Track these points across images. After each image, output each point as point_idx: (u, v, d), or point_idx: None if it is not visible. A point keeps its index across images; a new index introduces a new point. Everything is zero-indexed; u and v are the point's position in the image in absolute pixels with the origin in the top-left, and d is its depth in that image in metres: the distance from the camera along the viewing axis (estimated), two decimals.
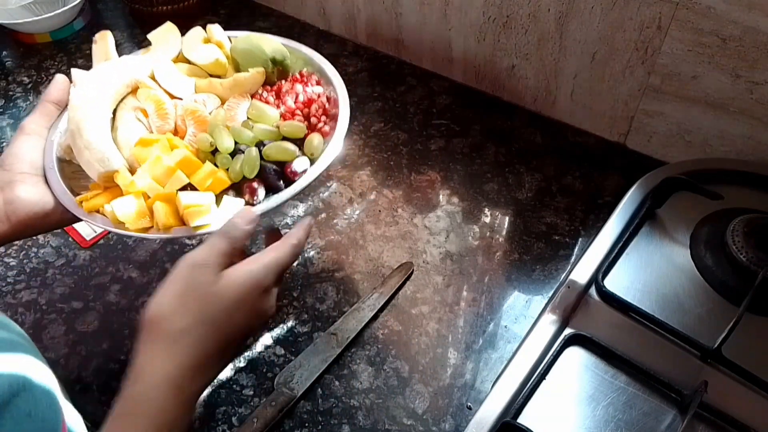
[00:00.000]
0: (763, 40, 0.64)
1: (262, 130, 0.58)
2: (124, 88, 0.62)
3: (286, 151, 0.56)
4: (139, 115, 0.61)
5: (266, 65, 0.64)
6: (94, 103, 0.59)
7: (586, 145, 0.83)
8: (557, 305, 0.56)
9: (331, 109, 0.62)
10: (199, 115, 0.59)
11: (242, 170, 0.55)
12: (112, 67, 0.64)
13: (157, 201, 0.53)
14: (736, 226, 0.58)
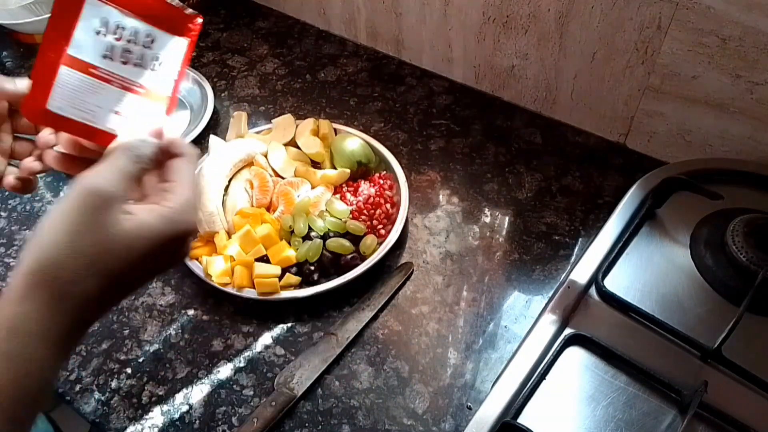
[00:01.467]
0: (763, 40, 0.64)
1: (332, 222, 0.70)
2: (241, 162, 0.76)
3: (343, 247, 0.68)
4: (246, 186, 0.75)
5: (353, 166, 0.76)
6: (216, 172, 0.73)
7: (586, 145, 0.83)
8: (557, 305, 0.56)
9: (394, 214, 0.72)
10: (290, 197, 0.72)
11: (307, 254, 0.67)
12: (240, 143, 0.78)
13: (238, 265, 0.66)
14: (736, 226, 0.58)
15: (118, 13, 0.36)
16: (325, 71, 0.97)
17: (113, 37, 0.36)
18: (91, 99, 0.37)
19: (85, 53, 0.36)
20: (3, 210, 0.79)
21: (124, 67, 0.37)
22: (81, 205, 0.35)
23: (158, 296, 0.69)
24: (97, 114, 0.37)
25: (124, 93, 0.37)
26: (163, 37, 0.38)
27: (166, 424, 0.58)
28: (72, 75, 0.36)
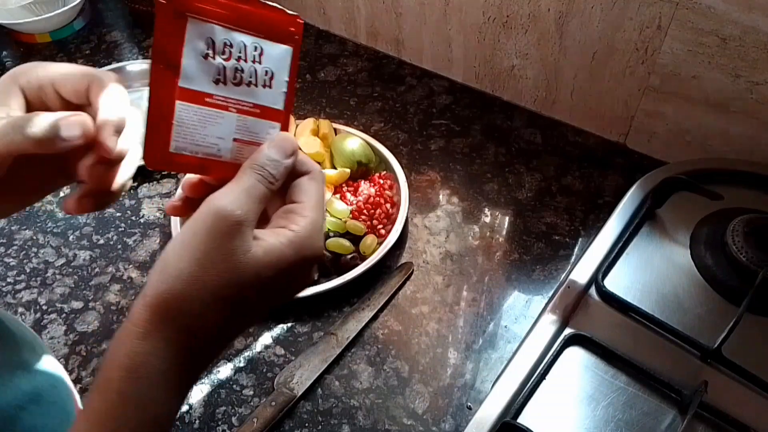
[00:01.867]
0: (763, 40, 0.64)
1: (332, 222, 0.69)
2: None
3: (343, 247, 0.68)
4: None
5: (353, 166, 0.76)
6: None
7: (586, 145, 0.83)
8: (557, 305, 0.56)
9: (394, 214, 0.72)
10: None
11: None
12: None
13: None
14: (736, 226, 0.58)
15: (222, 30, 0.33)
16: (325, 71, 0.97)
17: (222, 57, 0.33)
18: (212, 131, 0.34)
19: (197, 82, 0.33)
20: None
21: (237, 88, 0.34)
22: (209, 230, 0.32)
23: None
24: (219, 146, 0.34)
25: (241, 117, 0.34)
26: (269, 46, 0.34)
27: None
28: (189, 109, 0.33)
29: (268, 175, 0.34)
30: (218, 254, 0.32)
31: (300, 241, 0.34)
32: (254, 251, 0.32)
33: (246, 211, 0.32)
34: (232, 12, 0.33)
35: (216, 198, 0.33)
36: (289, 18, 0.35)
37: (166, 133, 0.33)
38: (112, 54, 1.02)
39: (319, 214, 0.36)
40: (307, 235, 0.35)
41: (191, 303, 0.32)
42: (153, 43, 0.32)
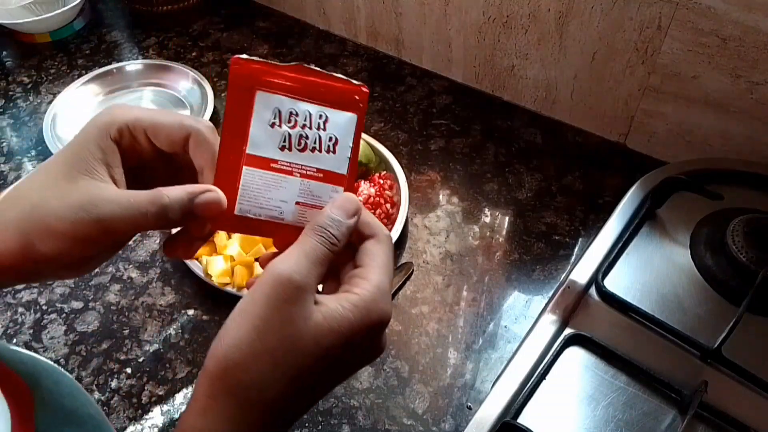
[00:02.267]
0: (763, 40, 0.64)
1: None
2: None
3: None
4: None
5: None
6: None
7: (586, 145, 0.83)
8: (557, 305, 0.56)
9: (394, 214, 0.72)
10: None
11: None
12: None
13: (238, 264, 0.66)
14: (736, 226, 0.58)
15: (289, 100, 0.35)
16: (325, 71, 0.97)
17: (288, 126, 0.35)
18: (276, 194, 0.35)
19: (263, 149, 0.35)
20: None
21: (302, 154, 0.35)
22: (268, 296, 0.31)
23: (158, 296, 0.69)
24: (282, 209, 0.35)
25: (305, 182, 0.35)
26: (335, 114, 0.36)
27: (166, 424, 0.58)
28: (254, 174, 0.35)
29: (329, 236, 0.33)
30: (277, 321, 0.31)
31: (364, 305, 0.33)
32: (314, 317, 0.31)
33: (306, 275, 0.31)
34: (298, 84, 0.35)
35: (276, 263, 0.32)
36: (354, 88, 0.36)
37: (232, 197, 0.34)
38: (112, 54, 1.02)
39: (386, 277, 0.34)
40: (371, 298, 0.33)
41: (250, 373, 0.30)
42: (225, 113, 0.34)
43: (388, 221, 0.72)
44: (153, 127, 0.35)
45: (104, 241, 0.33)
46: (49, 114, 0.88)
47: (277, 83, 0.35)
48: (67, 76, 0.98)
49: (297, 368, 0.31)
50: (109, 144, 0.34)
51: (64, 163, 0.34)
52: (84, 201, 0.32)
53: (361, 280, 0.34)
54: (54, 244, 0.32)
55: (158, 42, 1.04)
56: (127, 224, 0.33)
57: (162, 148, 0.36)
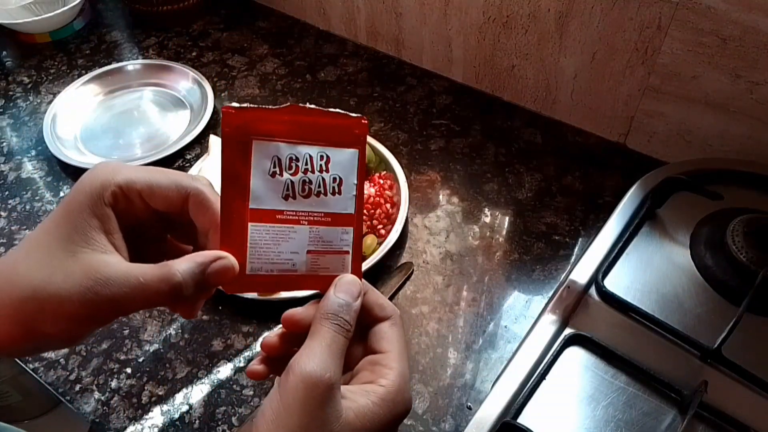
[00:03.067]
0: (763, 40, 0.64)
1: None
2: None
3: None
4: None
5: None
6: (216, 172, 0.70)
7: (586, 145, 0.83)
8: (557, 305, 0.56)
9: (394, 214, 0.71)
10: None
11: None
12: None
13: None
14: (736, 226, 0.58)
15: (287, 146, 0.33)
16: (325, 71, 0.97)
17: (289, 173, 0.33)
18: (286, 247, 0.34)
19: (266, 202, 0.33)
20: (3, 210, 0.79)
21: (307, 200, 0.34)
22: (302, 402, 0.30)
23: None
24: (294, 260, 0.34)
25: (314, 228, 0.34)
26: (335, 153, 0.34)
27: (166, 424, 0.58)
28: (261, 229, 0.33)
29: (343, 323, 0.33)
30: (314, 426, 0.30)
31: (391, 397, 0.32)
32: (346, 415, 0.31)
33: (334, 371, 0.31)
34: (294, 127, 0.33)
35: (302, 363, 0.31)
36: (353, 121, 0.35)
37: (242, 257, 0.33)
38: (112, 54, 1.02)
39: (406, 364, 0.34)
40: (396, 389, 0.33)
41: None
42: (222, 168, 0.33)
43: (388, 221, 0.72)
44: (149, 190, 0.33)
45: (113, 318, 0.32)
46: (49, 114, 0.88)
47: (273, 129, 0.33)
48: (67, 76, 0.98)
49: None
50: (104, 211, 0.32)
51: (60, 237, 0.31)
52: (92, 281, 0.30)
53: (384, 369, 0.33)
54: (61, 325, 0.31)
55: (158, 42, 1.04)
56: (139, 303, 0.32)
57: (159, 209, 0.34)
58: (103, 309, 0.31)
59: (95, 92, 0.94)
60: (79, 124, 0.90)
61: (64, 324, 0.31)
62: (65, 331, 0.31)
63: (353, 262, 0.36)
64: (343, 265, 0.35)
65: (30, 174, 0.84)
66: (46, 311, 0.30)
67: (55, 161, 0.84)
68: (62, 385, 0.62)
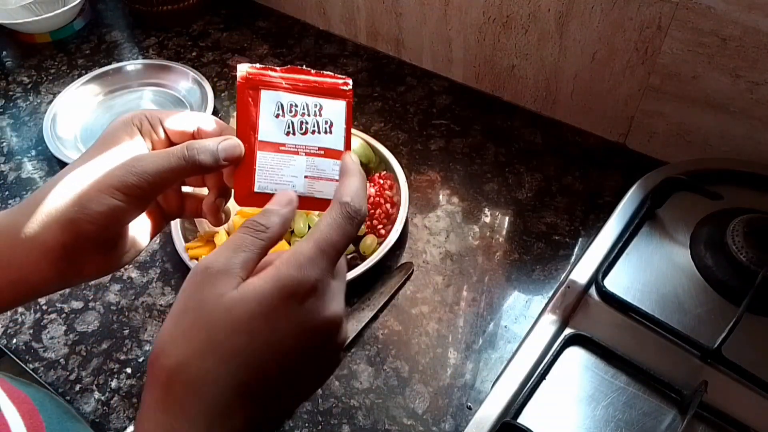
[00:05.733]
0: (763, 40, 0.64)
1: None
2: None
3: None
4: None
5: None
6: None
7: (586, 145, 0.83)
8: (557, 305, 0.56)
9: (394, 214, 0.72)
10: None
11: None
12: None
13: None
14: (736, 226, 0.58)
15: (288, 95, 0.42)
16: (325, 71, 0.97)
17: (290, 115, 0.42)
18: (286, 172, 0.42)
19: (272, 136, 0.42)
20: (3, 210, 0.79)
21: (304, 137, 0.42)
22: (187, 285, 0.33)
23: (158, 296, 0.69)
24: (294, 183, 0.42)
25: (309, 159, 0.42)
26: (327, 103, 0.43)
27: None
28: (267, 156, 0.41)
29: (254, 224, 0.34)
30: (191, 304, 0.32)
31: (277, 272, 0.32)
32: (229, 293, 0.31)
33: (223, 262, 0.32)
34: (295, 81, 0.42)
35: (205, 258, 0.33)
36: (340, 80, 0.44)
37: (251, 177, 0.41)
38: (112, 54, 1.02)
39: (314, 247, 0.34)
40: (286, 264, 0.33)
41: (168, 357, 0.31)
42: (237, 110, 0.41)
43: (388, 221, 0.72)
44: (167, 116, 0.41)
45: (149, 192, 0.37)
46: (49, 114, 0.88)
47: (277, 83, 0.42)
48: (67, 76, 0.98)
49: (219, 345, 0.31)
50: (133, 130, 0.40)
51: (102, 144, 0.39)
52: (130, 159, 0.37)
53: (287, 253, 0.34)
54: (105, 201, 0.35)
55: (158, 42, 1.04)
56: (168, 172, 0.37)
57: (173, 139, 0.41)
58: (140, 180, 0.36)
59: (95, 92, 0.94)
60: (79, 124, 0.90)
61: (109, 198, 0.35)
62: (110, 208, 0.35)
63: None
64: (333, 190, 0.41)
65: (30, 174, 0.84)
66: (93, 188, 0.36)
67: (55, 161, 0.84)
68: (62, 385, 0.62)
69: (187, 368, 0.30)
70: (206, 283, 0.32)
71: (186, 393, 0.30)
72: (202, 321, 0.31)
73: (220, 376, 0.30)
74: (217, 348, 0.31)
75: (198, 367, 0.30)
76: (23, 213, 0.36)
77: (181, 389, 0.30)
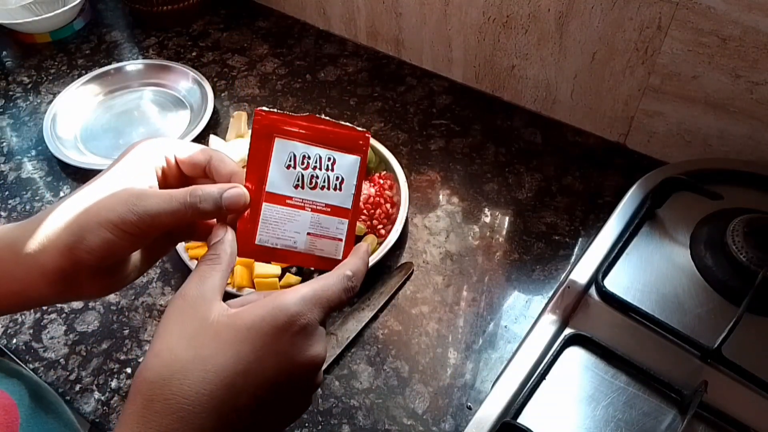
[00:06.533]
0: (763, 40, 0.64)
1: None
2: (241, 162, 0.73)
3: None
4: None
5: None
6: None
7: (586, 145, 0.83)
8: (557, 305, 0.56)
9: (394, 214, 0.72)
10: None
11: None
12: (240, 143, 0.80)
13: (238, 265, 0.66)
14: (736, 226, 0.58)
15: (303, 146, 0.41)
16: (325, 71, 0.97)
17: (301, 167, 0.41)
18: (290, 227, 0.41)
19: (280, 187, 0.41)
20: (3, 210, 0.79)
21: (313, 192, 0.41)
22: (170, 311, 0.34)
23: (158, 296, 0.69)
24: (296, 239, 0.41)
25: (315, 215, 0.41)
26: (341, 157, 0.41)
27: None
28: (272, 209, 0.41)
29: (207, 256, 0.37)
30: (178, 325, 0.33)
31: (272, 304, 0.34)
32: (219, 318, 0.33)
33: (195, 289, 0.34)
34: (310, 131, 0.41)
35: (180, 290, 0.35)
36: (358, 134, 0.42)
37: (254, 229, 0.40)
38: (112, 54, 1.02)
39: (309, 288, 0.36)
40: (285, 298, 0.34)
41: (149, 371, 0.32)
42: (248, 156, 0.40)
43: (388, 221, 0.72)
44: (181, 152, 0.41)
45: (148, 232, 0.36)
46: (49, 114, 0.88)
47: (293, 131, 0.41)
48: (67, 76, 0.98)
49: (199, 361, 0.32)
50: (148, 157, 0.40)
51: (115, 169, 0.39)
52: (132, 197, 0.36)
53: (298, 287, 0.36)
54: (103, 234, 0.35)
55: (158, 42, 1.04)
56: (168, 215, 0.36)
57: (185, 171, 0.41)
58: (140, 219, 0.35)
59: (95, 92, 0.94)
60: (79, 124, 0.90)
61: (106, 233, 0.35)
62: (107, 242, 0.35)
63: (345, 247, 0.42)
64: (336, 249, 0.42)
65: (30, 174, 0.84)
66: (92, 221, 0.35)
67: (55, 161, 0.84)
68: (62, 385, 0.62)
69: (169, 384, 0.31)
70: (188, 307, 0.34)
71: (165, 410, 0.31)
72: (187, 340, 0.32)
73: (200, 396, 0.31)
74: (200, 367, 0.32)
75: (180, 384, 0.31)
76: (27, 230, 0.36)
77: (161, 406, 0.31)
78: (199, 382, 0.31)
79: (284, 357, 0.33)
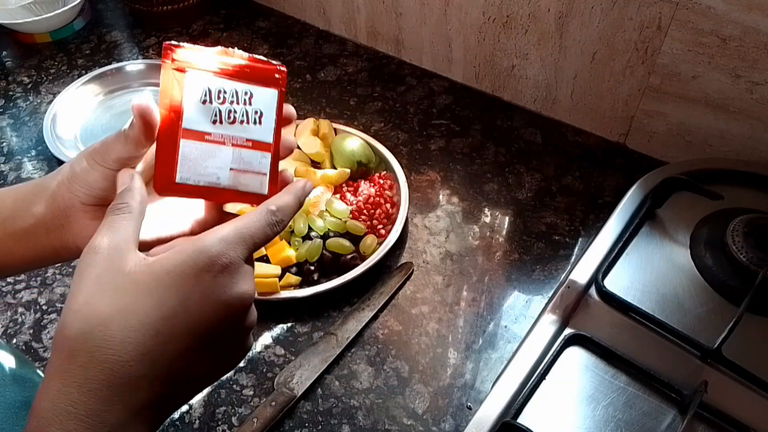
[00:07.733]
0: (763, 40, 0.64)
1: (332, 222, 0.70)
2: None
3: (343, 247, 0.68)
4: None
5: (353, 166, 0.76)
6: None
7: (586, 145, 0.83)
8: (557, 305, 0.56)
9: (394, 214, 0.72)
10: None
11: (307, 254, 0.68)
12: None
13: None
14: (736, 226, 0.58)
15: (218, 80, 0.39)
16: (325, 71, 0.97)
17: (217, 102, 0.39)
18: (211, 163, 0.39)
19: (197, 124, 0.39)
20: None
21: (232, 126, 0.40)
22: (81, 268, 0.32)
23: None
24: (219, 175, 0.40)
25: (236, 150, 0.40)
26: (258, 91, 0.40)
27: (166, 424, 0.58)
28: (191, 146, 0.39)
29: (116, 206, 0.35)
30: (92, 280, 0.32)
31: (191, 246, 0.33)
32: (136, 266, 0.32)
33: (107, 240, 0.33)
34: (224, 65, 0.39)
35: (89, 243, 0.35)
36: (273, 67, 0.41)
37: (173, 167, 0.38)
38: (111, 54, 1.02)
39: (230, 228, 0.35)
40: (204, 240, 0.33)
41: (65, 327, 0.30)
42: (160, 95, 0.38)
43: (388, 221, 0.72)
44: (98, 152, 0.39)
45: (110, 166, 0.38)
46: (49, 114, 0.88)
47: (206, 65, 0.39)
48: (67, 76, 0.98)
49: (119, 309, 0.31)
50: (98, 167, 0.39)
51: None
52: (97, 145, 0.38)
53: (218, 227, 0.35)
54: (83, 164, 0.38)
55: (158, 42, 1.04)
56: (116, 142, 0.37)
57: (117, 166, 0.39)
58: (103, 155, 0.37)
59: (95, 92, 0.94)
60: (79, 124, 0.90)
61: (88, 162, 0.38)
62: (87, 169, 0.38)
63: (270, 184, 0.41)
64: (261, 184, 0.40)
65: (30, 174, 0.84)
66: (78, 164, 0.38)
67: (55, 161, 0.84)
68: None
69: (91, 336, 0.30)
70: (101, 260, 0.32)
71: (89, 362, 0.29)
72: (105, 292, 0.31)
73: (124, 343, 0.30)
74: (122, 316, 0.30)
75: (102, 334, 0.30)
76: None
77: (85, 359, 0.29)
78: (123, 329, 0.30)
79: (209, 298, 0.32)
